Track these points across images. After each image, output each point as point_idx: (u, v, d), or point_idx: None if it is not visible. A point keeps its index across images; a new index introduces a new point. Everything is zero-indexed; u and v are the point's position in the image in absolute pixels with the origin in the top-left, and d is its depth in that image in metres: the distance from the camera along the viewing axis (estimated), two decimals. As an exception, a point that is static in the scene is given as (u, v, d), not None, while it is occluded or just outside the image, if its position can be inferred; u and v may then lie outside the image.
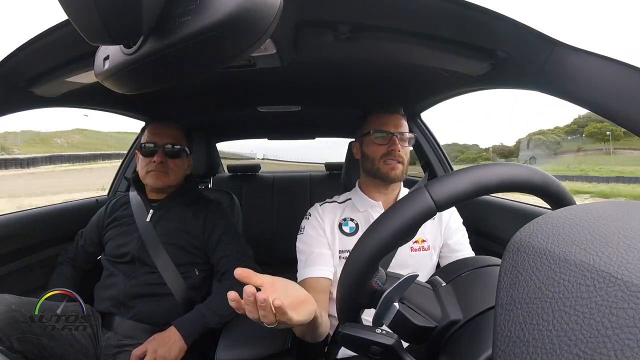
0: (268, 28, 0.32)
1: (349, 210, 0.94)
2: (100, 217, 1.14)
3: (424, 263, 0.91)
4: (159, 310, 0.97)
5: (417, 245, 0.91)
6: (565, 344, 0.16)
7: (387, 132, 0.91)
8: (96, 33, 0.31)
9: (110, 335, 0.94)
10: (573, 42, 0.57)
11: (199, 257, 1.07)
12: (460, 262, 0.39)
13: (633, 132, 0.53)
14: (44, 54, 0.69)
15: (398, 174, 0.90)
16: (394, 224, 0.34)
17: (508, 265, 0.22)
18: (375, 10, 0.61)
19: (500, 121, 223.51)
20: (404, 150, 0.91)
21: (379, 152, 0.91)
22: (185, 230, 1.06)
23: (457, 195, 0.34)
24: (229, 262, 1.02)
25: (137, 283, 0.99)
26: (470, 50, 0.70)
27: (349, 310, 0.40)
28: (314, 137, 2.32)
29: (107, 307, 0.98)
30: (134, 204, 1.09)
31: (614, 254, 0.18)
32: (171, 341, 0.85)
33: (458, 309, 0.35)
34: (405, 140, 0.92)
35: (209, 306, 0.94)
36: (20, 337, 0.78)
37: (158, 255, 1.00)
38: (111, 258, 1.05)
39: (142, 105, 1.32)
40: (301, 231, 0.94)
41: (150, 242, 1.01)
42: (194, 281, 1.04)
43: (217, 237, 1.06)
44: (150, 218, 1.06)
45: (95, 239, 1.12)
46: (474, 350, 0.27)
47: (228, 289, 0.95)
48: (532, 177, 0.35)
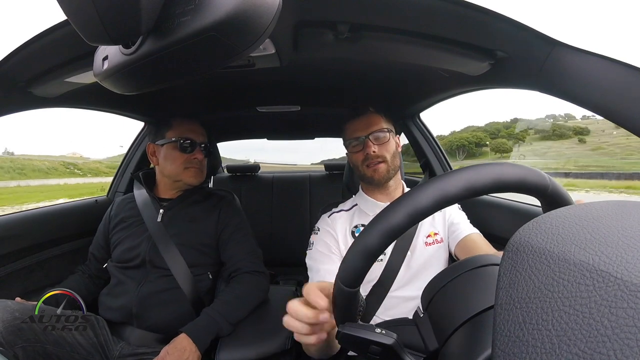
0: (267, 28, 0.32)
1: (358, 216, 0.94)
2: (106, 220, 1.11)
3: (438, 256, 0.91)
4: (173, 319, 0.92)
5: (430, 239, 0.92)
6: (564, 344, 0.16)
7: (357, 137, 0.92)
8: (95, 33, 0.31)
9: (123, 345, 0.92)
10: (572, 42, 0.57)
11: (211, 257, 1.04)
12: (432, 282, 0.38)
13: (632, 132, 0.53)
14: (43, 54, 0.69)
15: (383, 173, 0.90)
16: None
17: (507, 265, 0.22)
18: (374, 10, 0.61)
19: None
20: (382, 148, 0.91)
21: (359, 159, 0.92)
22: (197, 229, 1.03)
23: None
24: (240, 262, 1.01)
25: (149, 291, 0.94)
26: (470, 50, 0.70)
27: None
28: (313, 137, 2.32)
29: (117, 317, 0.95)
30: (141, 204, 1.06)
31: (614, 254, 0.18)
32: (187, 352, 0.81)
33: (433, 337, 0.35)
34: (379, 138, 0.91)
35: (222, 313, 0.90)
36: (25, 346, 0.75)
37: (171, 257, 0.97)
38: (119, 264, 1.01)
39: (141, 105, 1.32)
40: (310, 247, 0.94)
41: (162, 243, 0.98)
42: (207, 285, 1.02)
43: (230, 233, 1.05)
44: (161, 218, 1.03)
45: (102, 243, 1.09)
46: (474, 350, 0.27)
47: (240, 296, 0.95)
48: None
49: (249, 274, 1.00)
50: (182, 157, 1.03)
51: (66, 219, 1.31)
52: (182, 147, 1.03)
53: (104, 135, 66.35)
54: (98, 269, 1.09)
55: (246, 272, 1.01)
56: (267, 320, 0.96)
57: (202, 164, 1.06)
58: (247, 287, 0.98)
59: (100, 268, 1.09)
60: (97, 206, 1.45)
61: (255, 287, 0.99)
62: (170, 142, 1.03)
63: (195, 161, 1.03)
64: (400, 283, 0.87)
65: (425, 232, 0.92)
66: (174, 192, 1.08)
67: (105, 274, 1.06)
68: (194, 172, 1.04)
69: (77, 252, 1.30)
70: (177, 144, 1.03)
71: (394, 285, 0.87)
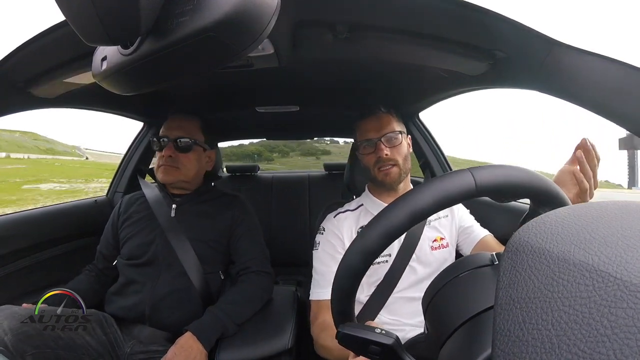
0: (266, 28, 0.32)
1: (364, 216, 0.94)
2: (114, 216, 1.10)
3: (444, 261, 0.91)
4: (186, 319, 0.90)
5: (436, 243, 0.92)
6: (564, 344, 0.16)
7: (370, 139, 0.91)
8: (94, 34, 0.31)
9: (134, 343, 0.91)
10: (571, 41, 0.57)
11: (222, 253, 1.04)
12: (431, 284, 0.38)
13: (631, 132, 0.53)
14: (41, 54, 0.69)
15: (394, 177, 0.90)
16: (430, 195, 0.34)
17: (507, 265, 0.22)
18: (373, 10, 0.61)
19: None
20: (394, 150, 0.90)
21: (371, 161, 0.91)
22: (210, 225, 1.02)
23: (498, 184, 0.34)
24: (249, 261, 1.01)
25: (163, 291, 0.93)
26: (469, 50, 0.70)
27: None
28: (313, 137, 2.33)
29: (129, 315, 0.94)
30: (152, 200, 1.05)
31: (613, 254, 0.18)
32: (195, 351, 0.81)
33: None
34: (392, 140, 0.90)
35: (227, 312, 0.89)
36: (35, 353, 0.74)
37: (183, 252, 0.96)
38: (130, 261, 0.99)
39: (140, 105, 1.32)
40: (316, 247, 0.93)
41: (175, 238, 0.96)
42: (218, 284, 1.02)
43: (243, 231, 1.04)
44: (174, 213, 1.02)
45: (111, 241, 1.08)
46: (473, 350, 0.27)
47: (246, 296, 0.95)
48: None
49: (255, 274, 1.01)
50: (157, 156, 1.03)
51: (66, 219, 1.31)
52: (156, 146, 1.03)
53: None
54: (106, 267, 1.08)
55: (253, 271, 1.01)
56: (268, 320, 0.96)
57: (174, 160, 1.00)
58: (253, 287, 0.98)
59: (108, 266, 1.08)
60: (96, 206, 1.45)
61: (260, 287, 0.99)
62: (151, 142, 1.05)
63: (162, 159, 1.01)
64: (404, 285, 0.87)
65: (431, 237, 0.92)
66: (180, 190, 1.07)
67: (113, 272, 1.05)
68: (162, 170, 1.00)
69: (77, 252, 1.29)
70: (153, 143, 1.04)
71: (398, 286, 0.87)
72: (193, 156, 1.03)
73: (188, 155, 1.02)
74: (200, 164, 1.06)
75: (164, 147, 1.01)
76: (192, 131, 1.04)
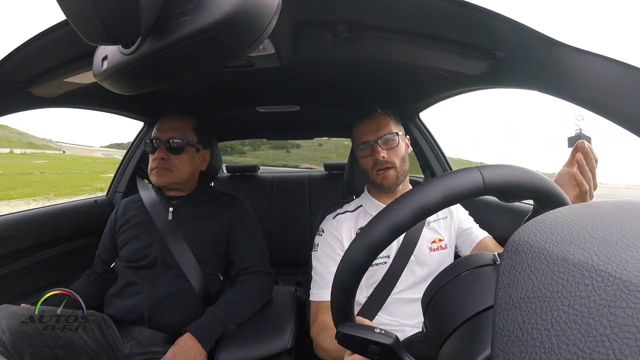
0: (266, 28, 0.32)
1: (363, 217, 0.94)
2: (112, 221, 1.10)
3: (443, 262, 0.91)
4: (186, 321, 0.90)
5: (435, 245, 0.92)
6: (563, 343, 0.16)
7: (367, 141, 0.91)
8: (94, 33, 0.31)
9: (133, 344, 0.91)
10: (572, 41, 0.57)
11: (221, 254, 1.03)
12: (431, 284, 0.38)
13: (631, 131, 0.53)
14: (42, 54, 0.69)
15: (392, 179, 0.90)
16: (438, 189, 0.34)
17: (507, 264, 0.22)
18: (374, 10, 0.61)
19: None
20: (391, 152, 0.90)
21: (369, 164, 0.92)
22: (208, 226, 1.02)
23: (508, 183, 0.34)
24: (249, 261, 1.01)
25: (162, 293, 0.93)
26: (469, 50, 0.70)
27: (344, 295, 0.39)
28: (313, 137, 2.32)
29: (128, 317, 0.94)
30: (149, 203, 1.04)
31: (613, 253, 0.18)
32: (195, 352, 0.81)
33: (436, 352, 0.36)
34: (389, 141, 0.90)
35: (227, 312, 0.89)
36: (33, 352, 0.74)
37: (182, 255, 0.95)
38: (129, 263, 0.99)
39: (140, 105, 1.32)
40: (315, 248, 0.93)
41: (173, 241, 0.96)
42: (218, 286, 1.02)
43: (242, 232, 1.04)
44: (171, 216, 1.02)
45: (109, 245, 1.07)
46: (473, 350, 0.27)
47: (246, 296, 0.95)
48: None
49: (255, 274, 1.01)
50: (151, 158, 1.02)
51: (66, 219, 1.31)
52: (149, 148, 1.03)
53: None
54: (105, 271, 1.08)
55: (253, 271, 1.01)
56: (268, 320, 0.96)
57: (166, 162, 0.99)
58: (253, 287, 0.98)
59: (107, 270, 1.07)
60: (96, 206, 1.45)
61: (260, 288, 0.99)
62: (144, 144, 1.05)
63: (155, 161, 1.00)
64: (403, 286, 0.87)
65: (430, 238, 0.92)
66: (177, 192, 1.07)
67: (112, 275, 1.05)
68: (155, 172, 1.00)
69: (77, 252, 1.29)
70: (146, 146, 1.03)
71: (397, 287, 0.87)
72: (186, 157, 1.03)
73: (181, 157, 1.02)
74: (193, 164, 1.06)
75: (156, 148, 1.00)
76: (184, 132, 1.03)
